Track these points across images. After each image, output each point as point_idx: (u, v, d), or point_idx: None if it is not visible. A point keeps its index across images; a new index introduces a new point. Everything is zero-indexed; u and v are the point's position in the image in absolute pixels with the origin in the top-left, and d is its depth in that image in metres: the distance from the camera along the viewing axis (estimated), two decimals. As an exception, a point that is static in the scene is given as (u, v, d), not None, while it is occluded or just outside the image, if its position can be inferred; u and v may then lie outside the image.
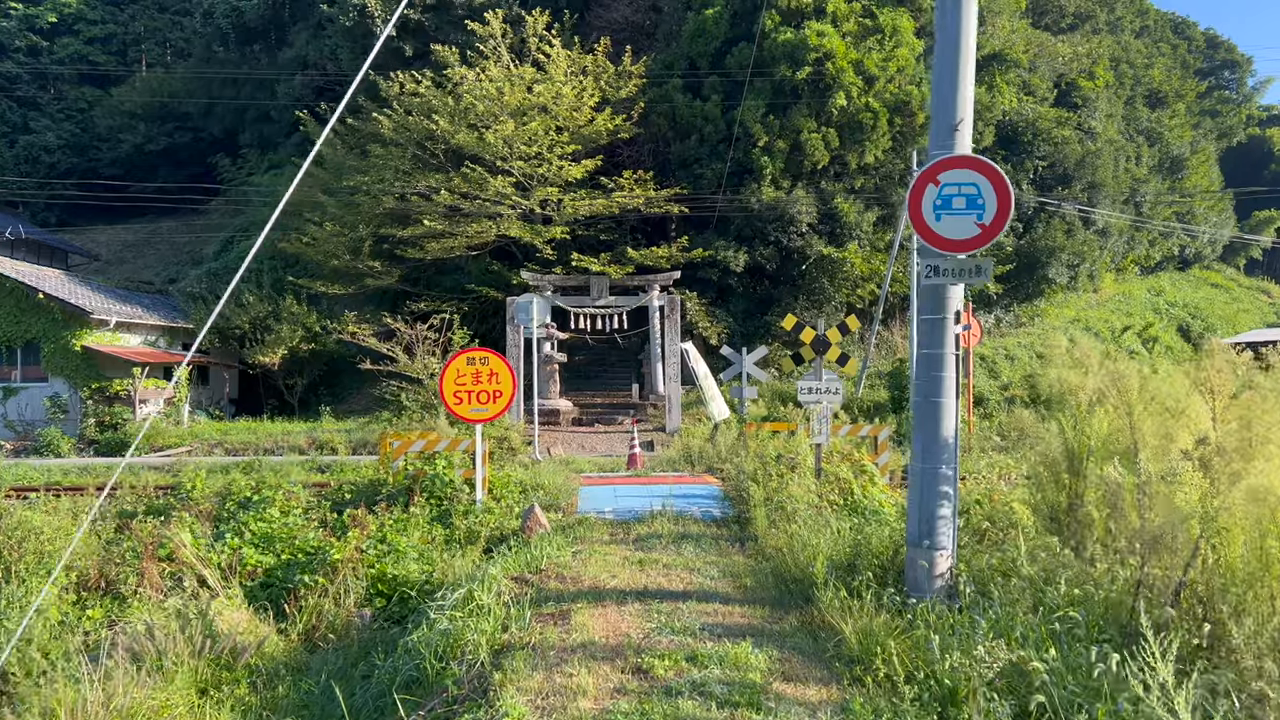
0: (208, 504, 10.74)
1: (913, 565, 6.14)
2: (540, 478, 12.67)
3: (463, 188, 27.15)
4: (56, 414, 24.93)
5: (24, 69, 52.03)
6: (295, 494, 10.12)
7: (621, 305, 27.07)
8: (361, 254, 28.88)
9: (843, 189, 30.14)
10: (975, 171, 5.80)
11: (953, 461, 6.14)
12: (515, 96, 27.05)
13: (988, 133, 33.92)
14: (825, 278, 29.71)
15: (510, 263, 29.58)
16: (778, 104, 29.10)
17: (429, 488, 10.50)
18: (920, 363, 6.24)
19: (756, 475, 10.06)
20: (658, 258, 27.69)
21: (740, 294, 30.27)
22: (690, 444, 17.68)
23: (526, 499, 11.01)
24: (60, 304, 24.56)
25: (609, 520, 10.10)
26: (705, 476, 14.51)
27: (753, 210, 29.03)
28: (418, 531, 9.57)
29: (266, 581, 8.71)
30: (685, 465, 16.39)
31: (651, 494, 12.10)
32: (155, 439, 24.05)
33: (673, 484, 13.33)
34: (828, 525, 7.73)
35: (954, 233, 5.83)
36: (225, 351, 29.59)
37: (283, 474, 13.93)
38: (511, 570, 7.35)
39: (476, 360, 10.25)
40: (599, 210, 27.89)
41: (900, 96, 30.00)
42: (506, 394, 10.31)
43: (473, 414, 10.26)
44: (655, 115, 30.01)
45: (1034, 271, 36.22)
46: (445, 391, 10.21)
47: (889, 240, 30.95)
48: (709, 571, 7.30)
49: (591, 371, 30.50)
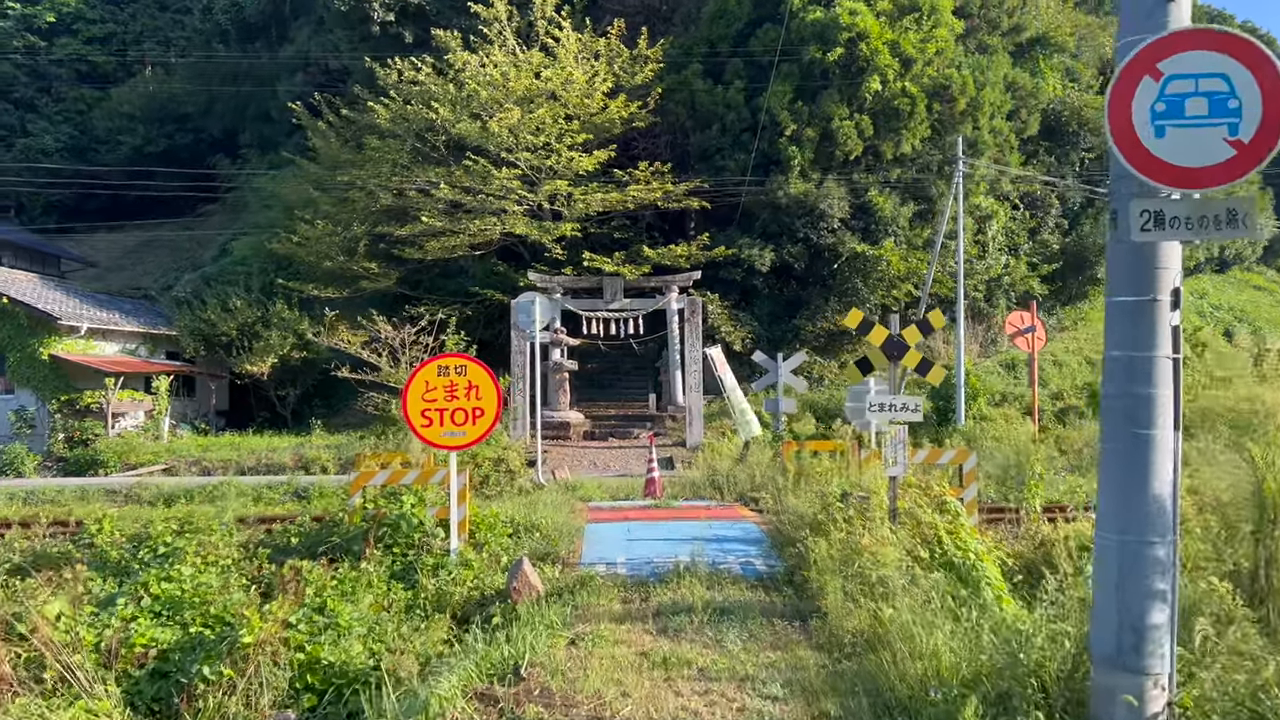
0: (117, 552, 8.52)
1: (1106, 699, 3.82)
2: (537, 512, 10.36)
3: (465, 181, 24.98)
4: (22, 429, 22.90)
5: (21, 70, 50.52)
6: (215, 544, 7.85)
7: (637, 308, 24.82)
8: (357, 254, 26.76)
9: (877, 181, 27.78)
10: (1223, 54, 3.48)
11: (1170, 534, 3.80)
12: (521, 82, 24.85)
13: (1033, 120, 31.51)
14: (858, 277, 27.33)
15: (517, 263, 27.39)
16: (806, 89, 26.79)
17: (392, 533, 8.24)
18: (1113, 373, 3.93)
19: (818, 520, 7.70)
20: (676, 257, 25.41)
21: (766, 296, 27.91)
22: (716, 464, 15.32)
23: (517, 545, 8.71)
24: (25, 309, 22.51)
25: (621, 577, 7.79)
26: (738, 509, 12.16)
27: (779, 205, 26.70)
28: (370, 595, 7.30)
29: (160, 669, 6.48)
30: (711, 491, 14.04)
31: (674, 534, 9.78)
32: (129, 455, 21.94)
33: (700, 519, 11.00)
34: (931, 601, 5.38)
35: (1188, 155, 3.52)
36: (212, 360, 27.49)
37: (223, 506, 11.67)
38: (477, 677, 5.05)
39: (451, 369, 7.99)
40: (612, 205, 25.63)
41: (939, 80, 27.62)
42: (490, 412, 8.03)
43: (445, 439, 7.99)
44: (673, 103, 27.74)
45: (1081, 271, 33.72)
46: (410, 410, 7.96)
47: (927, 237, 28.55)
48: (768, 684, 4.97)
49: (605, 380, 28.20)
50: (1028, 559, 8.98)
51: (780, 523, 9.80)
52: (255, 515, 12.47)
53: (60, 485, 17.67)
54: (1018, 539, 9.65)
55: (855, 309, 9.02)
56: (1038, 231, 33.00)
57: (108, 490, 16.76)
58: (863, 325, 8.51)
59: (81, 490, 16.74)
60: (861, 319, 8.59)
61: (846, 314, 27.25)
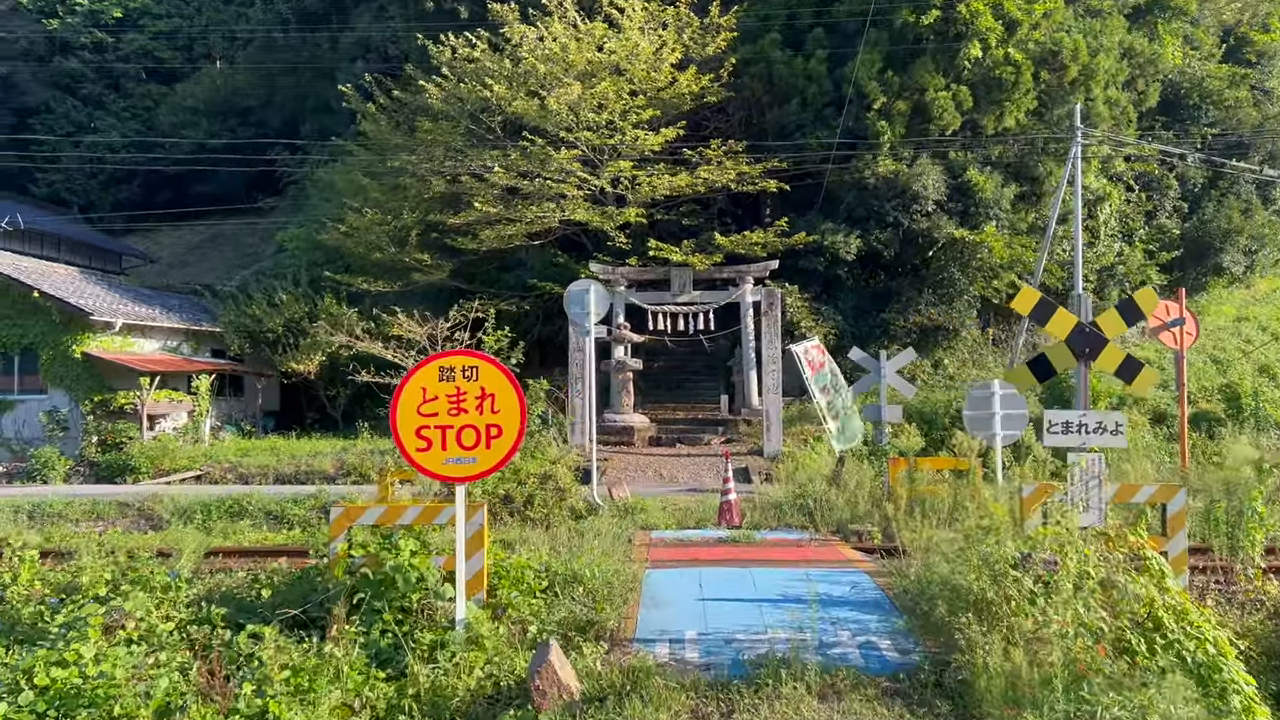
0: (29, 610, 6.55)
1: None
2: (584, 549, 8.13)
3: (521, 164, 22.95)
4: (55, 431, 21.63)
5: (89, 67, 50.51)
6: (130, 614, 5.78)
7: (708, 301, 22.50)
8: (408, 245, 24.95)
9: (976, 159, 24.90)
10: None
11: None
12: (583, 55, 22.71)
13: (1152, 90, 28.21)
14: (955, 266, 24.50)
15: (578, 254, 25.28)
16: (897, 58, 24.08)
17: (384, 591, 6.12)
18: None
19: (983, 597, 5.25)
20: (751, 245, 22.96)
21: (850, 288, 25.25)
22: (803, 481, 12.86)
23: (551, 607, 6.47)
24: (58, 304, 21.19)
25: (691, 669, 5.51)
26: (838, 547, 9.72)
27: (866, 186, 24.06)
28: (337, 691, 5.16)
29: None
30: (800, 518, 11.61)
31: (762, 589, 7.46)
32: (162, 461, 20.46)
33: (793, 563, 8.64)
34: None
35: None
36: (258, 358, 26.01)
37: (209, 528, 9.72)
38: None
39: (457, 372, 5.80)
40: (681, 189, 23.31)
41: (1048, 46, 24.63)
42: (510, 430, 5.83)
43: (449, 468, 5.81)
44: (748, 76, 25.27)
45: (1203, 259, 30.20)
46: (401, 428, 5.81)
47: (1032, 221, 25.58)
48: None
49: (673, 380, 25.88)
50: (1261, 636, 6.47)
51: (902, 573, 7.41)
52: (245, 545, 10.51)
53: (78, 495, 16.10)
54: (1235, 603, 7.11)
55: (1027, 287, 6.50)
56: (1154, 216, 29.64)
57: (121, 503, 15.12)
58: (1039, 309, 6.03)
59: (93, 503, 15.12)
60: (1038, 300, 6.11)
61: (939, 307, 24.36)
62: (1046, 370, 6.95)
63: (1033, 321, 6.76)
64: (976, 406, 11.69)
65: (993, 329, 26.56)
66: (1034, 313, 6.18)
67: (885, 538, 10.07)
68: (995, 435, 11.52)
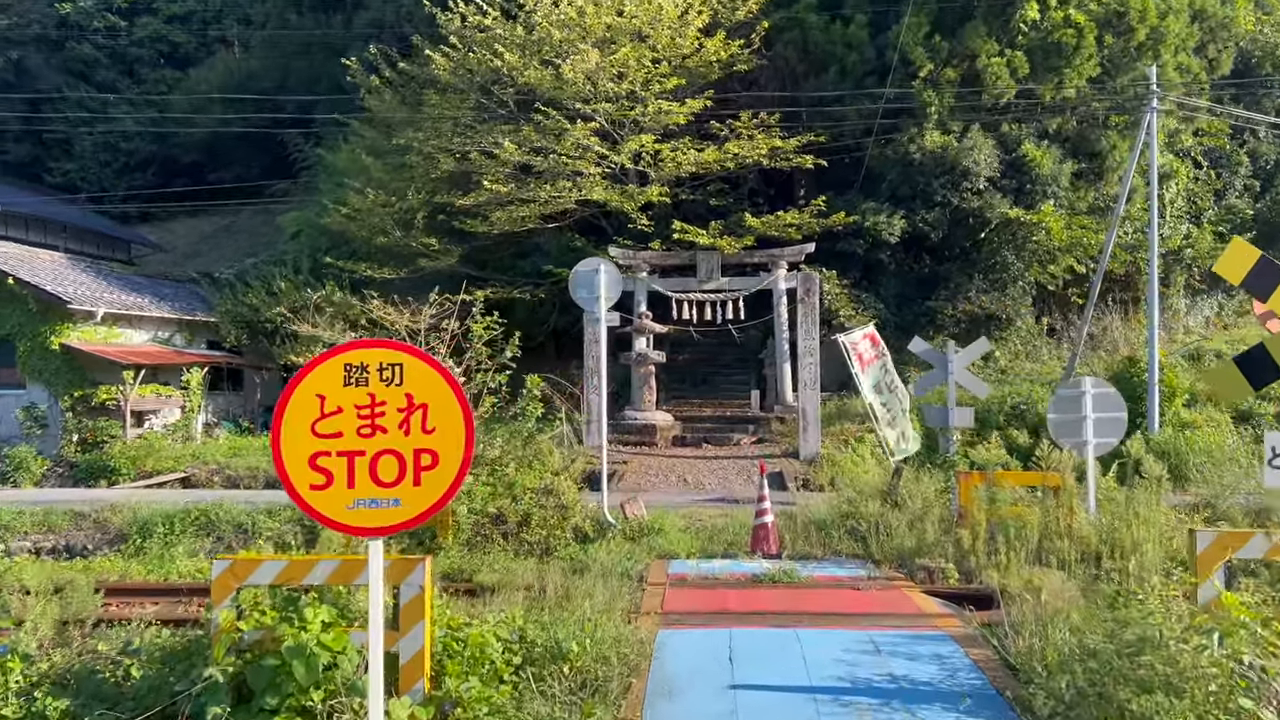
0: None
1: None
2: (582, 591, 6.24)
3: (534, 139, 21.07)
4: (33, 429, 20.11)
5: (102, 52, 49.40)
6: None
7: (737, 288, 20.57)
8: (414, 228, 23.18)
9: (1031, 133, 22.70)
10: None
11: None
12: (601, 20, 20.78)
13: (1225, 57, 25.75)
14: (1009, 249, 22.37)
15: (597, 238, 23.42)
16: (945, 21, 21.93)
17: (278, 684, 4.30)
18: None
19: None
20: (784, 226, 20.96)
21: (892, 273, 23.17)
22: (851, 497, 10.85)
23: (520, 703, 4.59)
24: (34, 291, 19.63)
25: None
26: (906, 590, 7.69)
27: (912, 161, 21.96)
28: None
29: None
30: (848, 541, 9.64)
31: (811, 663, 5.54)
32: (145, 461, 18.86)
33: (850, 617, 6.69)
34: None
35: None
36: (257, 350, 24.40)
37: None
38: None
39: (372, 372, 3.94)
40: (708, 165, 21.32)
41: (1113, 6, 22.30)
42: (452, 458, 3.93)
43: (355, 513, 3.95)
44: (781, 43, 23.20)
45: (1276, 242, 27.71)
46: (286, 457, 3.92)
47: (1092, 200, 23.31)
48: None
49: (699, 374, 23.93)
50: None
51: (1001, 640, 5.45)
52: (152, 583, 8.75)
53: (41, 501, 14.47)
54: None
55: (1239, 240, 4.45)
56: (1223, 195, 27.25)
57: (76, 513, 13.44)
58: (1259, 275, 3.99)
59: (46, 513, 13.46)
60: (1257, 261, 4.11)
61: (991, 294, 22.06)
62: (1266, 369, 4.66)
63: (1250, 293, 4.75)
64: (1064, 408, 9.69)
65: (1048, 318, 24.35)
66: (1250, 280, 4.16)
67: (962, 576, 8.11)
68: (1086, 443, 9.51)
